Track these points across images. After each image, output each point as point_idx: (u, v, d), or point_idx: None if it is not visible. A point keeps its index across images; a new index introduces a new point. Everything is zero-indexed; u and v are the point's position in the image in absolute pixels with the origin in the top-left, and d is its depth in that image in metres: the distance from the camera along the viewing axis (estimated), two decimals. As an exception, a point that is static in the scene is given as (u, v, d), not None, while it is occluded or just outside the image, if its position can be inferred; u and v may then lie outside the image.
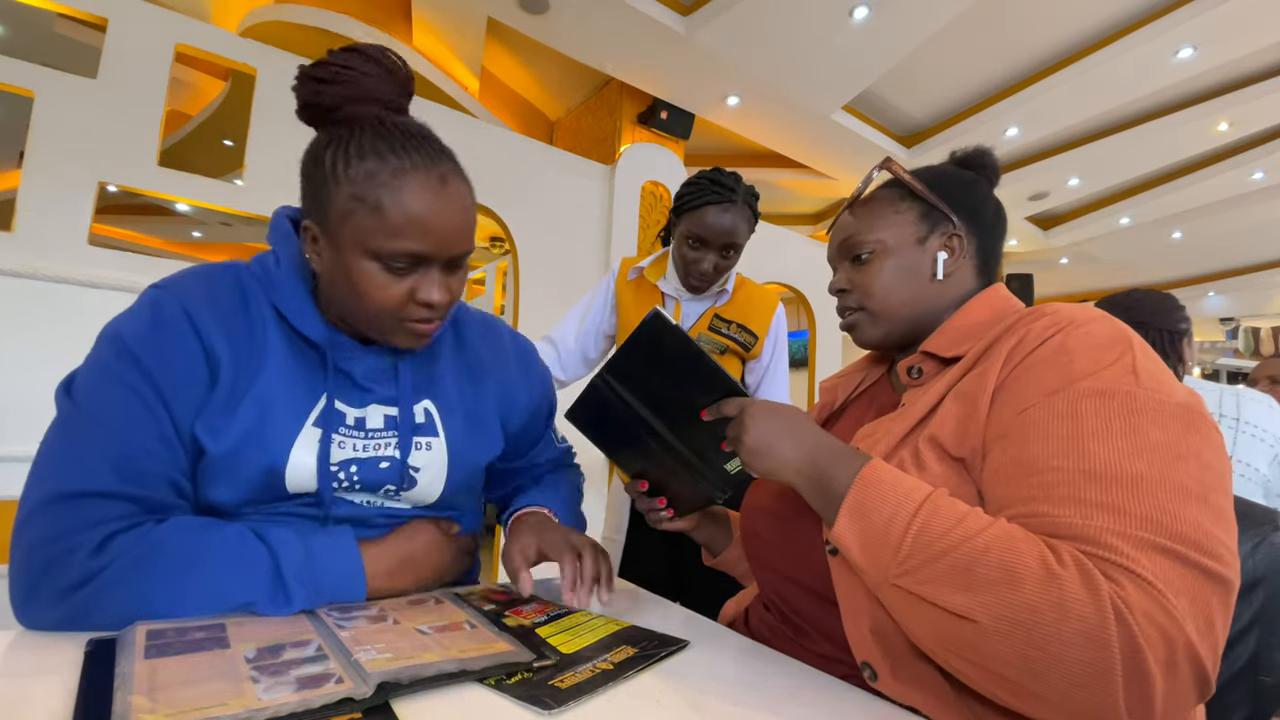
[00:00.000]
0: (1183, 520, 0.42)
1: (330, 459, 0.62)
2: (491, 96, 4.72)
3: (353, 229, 0.57)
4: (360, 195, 0.56)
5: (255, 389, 0.60)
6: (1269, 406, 1.37)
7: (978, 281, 0.68)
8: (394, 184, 0.56)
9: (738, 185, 1.31)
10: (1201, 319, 7.73)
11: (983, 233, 0.68)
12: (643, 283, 1.45)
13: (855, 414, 0.74)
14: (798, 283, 4.06)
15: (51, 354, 1.95)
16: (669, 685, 0.50)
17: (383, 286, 0.59)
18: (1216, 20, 3.22)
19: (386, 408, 0.67)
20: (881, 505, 0.49)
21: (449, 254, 0.60)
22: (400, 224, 0.56)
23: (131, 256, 2.12)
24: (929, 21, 3.27)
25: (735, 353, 1.39)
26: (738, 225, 1.29)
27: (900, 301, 0.67)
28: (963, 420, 0.54)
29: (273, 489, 0.61)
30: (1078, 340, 0.51)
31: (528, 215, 3.14)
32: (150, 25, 2.20)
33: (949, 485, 0.52)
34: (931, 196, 0.67)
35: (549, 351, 1.47)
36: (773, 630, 0.67)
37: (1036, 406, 0.49)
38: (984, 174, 0.72)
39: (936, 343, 0.63)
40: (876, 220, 0.69)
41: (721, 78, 3.74)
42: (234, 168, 2.52)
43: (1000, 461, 0.50)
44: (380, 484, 0.66)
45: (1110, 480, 0.44)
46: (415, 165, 0.57)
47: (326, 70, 0.59)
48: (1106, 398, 0.47)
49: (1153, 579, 0.40)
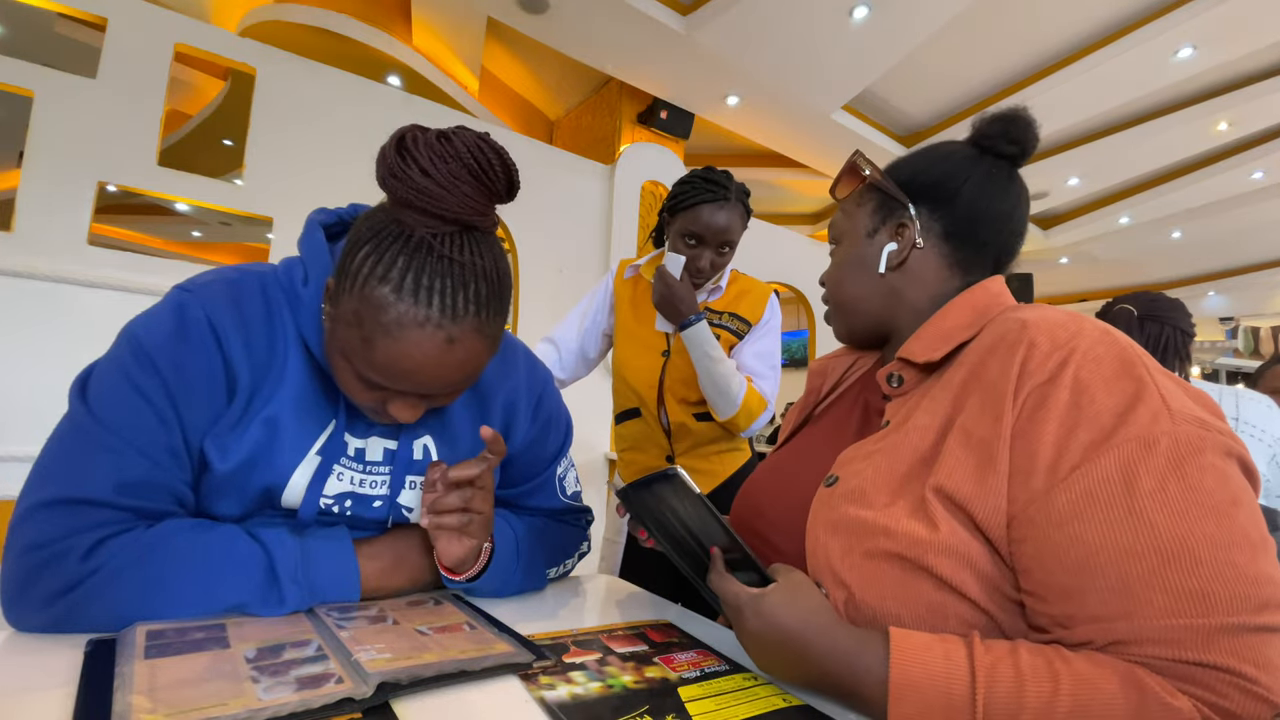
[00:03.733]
0: (1259, 583, 0.40)
1: (326, 490, 0.62)
2: (491, 96, 4.72)
3: (344, 337, 0.54)
4: (360, 318, 0.52)
5: (268, 410, 0.59)
6: (1268, 407, 1.37)
7: (954, 274, 0.63)
8: (393, 331, 0.52)
9: (730, 183, 1.32)
10: (1201, 319, 7.72)
11: (955, 214, 0.62)
12: (639, 281, 1.46)
13: (840, 412, 0.71)
14: (797, 282, 4.06)
15: (51, 354, 1.95)
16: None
17: (356, 391, 0.57)
18: (1216, 20, 3.22)
19: (387, 441, 0.67)
20: (931, 713, 0.42)
21: (427, 393, 0.57)
22: (381, 366, 0.53)
23: (131, 256, 2.12)
24: (929, 21, 3.27)
25: (729, 341, 1.39)
26: (732, 222, 1.31)
27: (853, 296, 0.67)
28: (979, 471, 0.48)
29: (270, 504, 0.61)
30: (1089, 372, 0.47)
31: (528, 215, 3.14)
32: (150, 25, 2.20)
33: (963, 551, 0.47)
34: (885, 184, 0.65)
35: (550, 352, 1.47)
36: None
37: (1078, 471, 0.44)
38: (995, 145, 0.63)
39: (911, 348, 0.59)
40: (843, 213, 0.70)
41: (721, 78, 3.74)
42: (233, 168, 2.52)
43: (1051, 547, 0.45)
44: (371, 522, 0.66)
45: (1186, 559, 0.41)
46: (425, 320, 0.52)
47: (419, 168, 0.51)
48: (1150, 448, 0.43)
49: (1255, 673, 0.38)
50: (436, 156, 0.51)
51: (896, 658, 0.44)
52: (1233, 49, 3.49)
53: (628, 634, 0.60)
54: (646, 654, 0.55)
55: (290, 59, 2.52)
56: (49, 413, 0.56)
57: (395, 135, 0.53)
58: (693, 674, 0.51)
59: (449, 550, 0.63)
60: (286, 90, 2.47)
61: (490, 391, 0.73)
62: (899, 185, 0.65)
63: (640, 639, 0.59)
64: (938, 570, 0.47)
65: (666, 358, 1.37)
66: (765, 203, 6.23)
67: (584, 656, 0.53)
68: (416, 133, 0.53)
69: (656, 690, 0.48)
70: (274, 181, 2.38)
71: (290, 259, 0.65)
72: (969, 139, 0.66)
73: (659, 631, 0.62)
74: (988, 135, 0.64)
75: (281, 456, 0.60)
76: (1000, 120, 0.63)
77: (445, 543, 0.62)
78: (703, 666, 0.53)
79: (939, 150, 0.66)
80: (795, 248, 4.15)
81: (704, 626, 0.66)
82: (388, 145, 0.52)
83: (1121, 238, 6.41)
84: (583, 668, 0.51)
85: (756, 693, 0.49)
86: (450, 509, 0.61)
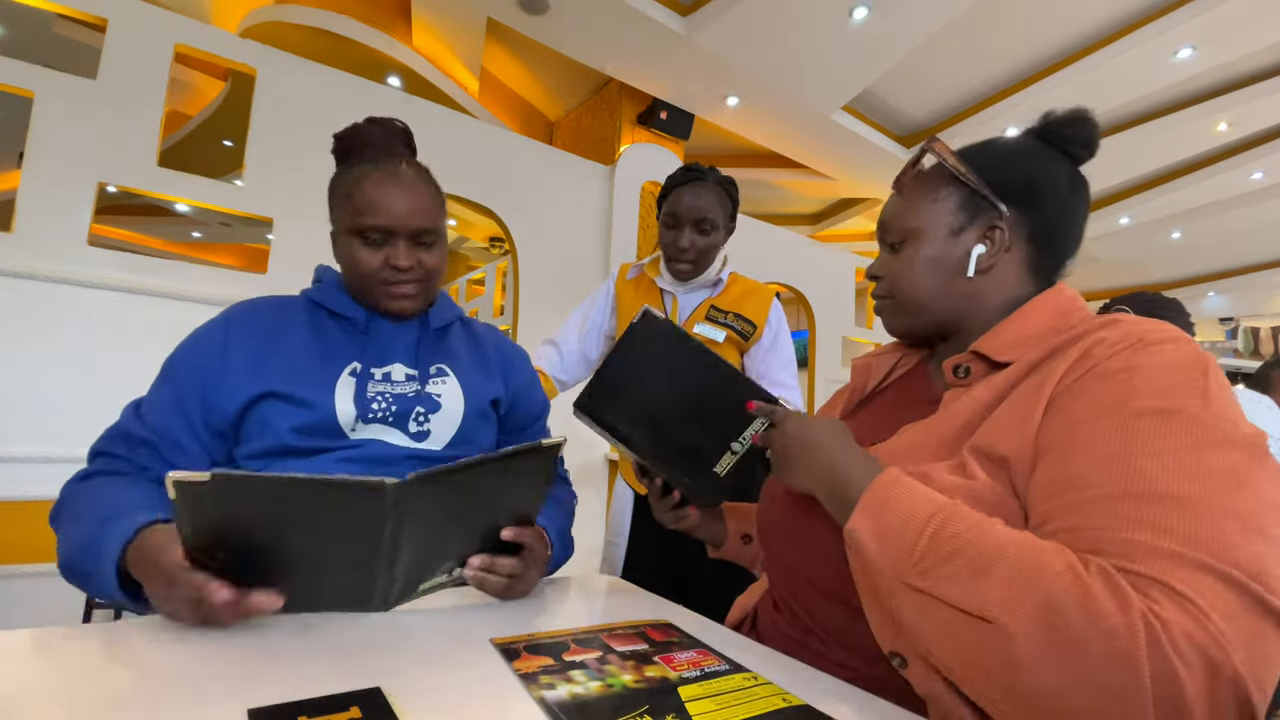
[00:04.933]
0: (1240, 548, 0.38)
1: (367, 393, 0.78)
2: (491, 97, 4.73)
3: (340, 216, 0.82)
4: (342, 192, 0.81)
5: (282, 355, 0.77)
6: (1269, 407, 1.37)
7: (1030, 278, 0.62)
8: (360, 181, 0.80)
9: (709, 170, 1.38)
10: (1201, 319, 7.72)
11: (1042, 218, 0.60)
12: (642, 280, 1.47)
13: (886, 404, 0.70)
14: (797, 283, 4.06)
15: (51, 354, 1.95)
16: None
17: (365, 257, 0.80)
18: (1216, 20, 3.22)
19: (408, 368, 0.84)
20: (898, 505, 0.48)
21: (407, 228, 0.80)
22: (361, 206, 0.79)
23: (131, 256, 2.12)
24: (929, 21, 3.27)
25: (734, 341, 1.40)
26: (708, 201, 1.35)
27: (927, 295, 0.63)
28: (1015, 424, 0.50)
29: (329, 427, 0.75)
30: (1149, 358, 0.47)
31: (527, 215, 3.13)
32: (150, 26, 2.20)
33: (995, 498, 0.48)
34: (975, 181, 0.60)
35: (551, 353, 1.48)
36: (780, 632, 0.66)
37: (1088, 422, 0.46)
38: (1069, 148, 0.62)
39: (990, 344, 0.58)
40: (915, 206, 0.64)
41: (721, 78, 3.74)
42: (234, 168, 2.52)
43: (1044, 476, 0.47)
44: (410, 409, 0.80)
45: (1158, 499, 0.40)
46: (374, 169, 0.81)
47: (344, 132, 0.85)
48: (1167, 417, 0.43)
49: (1195, 598, 0.36)
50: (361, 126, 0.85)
51: (891, 470, 0.51)
52: (1233, 49, 3.49)
53: (628, 633, 0.60)
54: (647, 653, 0.55)
55: (290, 60, 2.52)
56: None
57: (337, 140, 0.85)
58: (693, 674, 0.51)
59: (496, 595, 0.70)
60: (287, 91, 2.46)
61: (483, 339, 0.95)
62: (987, 184, 0.61)
63: (640, 638, 0.59)
64: None
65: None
66: (765, 203, 6.23)
67: (584, 655, 0.53)
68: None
69: (656, 690, 0.48)
70: (274, 182, 2.37)
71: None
72: (1038, 136, 0.63)
73: (659, 631, 0.62)
74: (1069, 138, 0.62)
75: (315, 381, 0.76)
76: (1081, 123, 0.61)
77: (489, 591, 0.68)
78: (703, 666, 0.53)
79: (1017, 147, 0.63)
80: (795, 248, 4.15)
81: (704, 626, 0.66)
82: (339, 140, 0.85)
83: (1121, 238, 6.41)
84: (583, 666, 0.51)
85: (756, 693, 0.49)
86: (500, 572, 0.67)
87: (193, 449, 0.73)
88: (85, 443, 0.73)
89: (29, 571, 1.81)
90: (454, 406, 0.83)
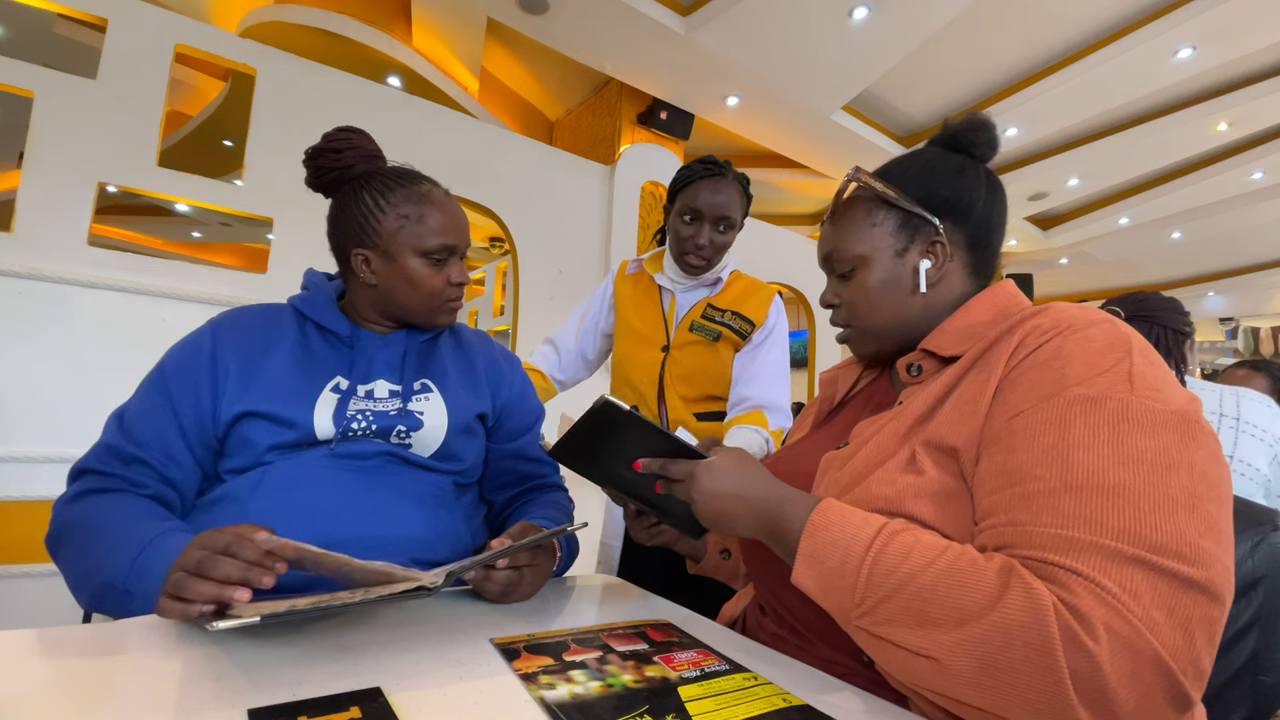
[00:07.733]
0: (1162, 530, 0.41)
1: (347, 411, 0.77)
2: (491, 97, 4.73)
3: (405, 237, 0.81)
4: (405, 214, 0.81)
5: (269, 366, 0.76)
6: (1269, 406, 1.37)
7: (972, 279, 0.66)
8: (429, 198, 0.82)
9: (728, 166, 1.35)
10: (1201, 319, 7.72)
11: (973, 225, 0.65)
12: (641, 276, 1.46)
13: (853, 411, 0.73)
14: (797, 283, 4.06)
15: (51, 354, 1.95)
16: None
17: (430, 276, 0.82)
18: (1216, 20, 3.22)
19: (391, 384, 0.83)
20: (833, 549, 0.50)
21: (465, 245, 0.85)
22: (436, 227, 0.82)
23: (131, 256, 2.12)
24: (929, 21, 3.27)
25: (731, 341, 1.38)
26: (730, 198, 1.33)
27: (888, 317, 0.66)
28: (963, 418, 0.53)
29: (308, 445, 0.74)
30: (1075, 345, 0.50)
31: (527, 215, 3.13)
32: (150, 26, 2.20)
33: (944, 492, 0.52)
34: (907, 202, 0.64)
35: (549, 353, 1.48)
36: (768, 633, 0.67)
37: (1026, 413, 0.49)
38: (974, 152, 0.67)
39: (936, 341, 0.61)
40: (853, 233, 0.66)
41: (721, 78, 3.74)
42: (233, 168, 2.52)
43: (988, 469, 0.50)
44: (391, 427, 0.78)
45: (1091, 491, 0.43)
46: (430, 187, 0.84)
47: (334, 143, 0.83)
48: (1097, 405, 0.46)
49: (1117, 590, 0.39)
50: (341, 136, 0.84)
51: (820, 508, 0.52)
52: (1233, 49, 3.49)
53: (628, 633, 0.60)
54: (646, 653, 0.55)
55: (290, 60, 2.52)
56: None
57: (311, 153, 0.84)
58: (693, 673, 0.51)
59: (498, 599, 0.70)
60: (286, 91, 2.46)
61: (472, 350, 0.94)
62: (918, 202, 0.64)
63: (640, 638, 0.59)
64: (916, 514, 0.51)
65: (666, 353, 1.37)
66: (765, 203, 6.24)
67: (584, 655, 0.53)
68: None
69: (656, 689, 0.48)
70: (274, 182, 2.37)
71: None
72: (945, 144, 0.68)
73: (659, 631, 0.62)
74: (975, 142, 0.67)
75: (297, 398, 0.75)
76: (983, 128, 0.67)
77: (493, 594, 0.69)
78: (703, 666, 0.53)
79: (933, 160, 0.66)
80: (795, 248, 4.14)
81: (704, 626, 0.66)
82: (313, 158, 0.83)
83: (1121, 238, 6.41)
84: (583, 666, 0.51)
85: (756, 693, 0.49)
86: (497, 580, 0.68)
87: (186, 461, 0.72)
88: (85, 443, 0.72)
89: (29, 571, 1.81)
90: (437, 424, 0.81)
